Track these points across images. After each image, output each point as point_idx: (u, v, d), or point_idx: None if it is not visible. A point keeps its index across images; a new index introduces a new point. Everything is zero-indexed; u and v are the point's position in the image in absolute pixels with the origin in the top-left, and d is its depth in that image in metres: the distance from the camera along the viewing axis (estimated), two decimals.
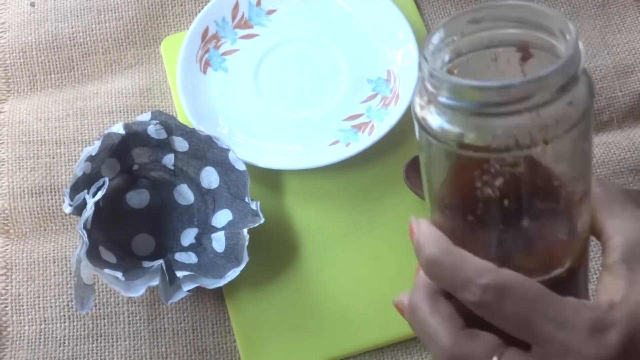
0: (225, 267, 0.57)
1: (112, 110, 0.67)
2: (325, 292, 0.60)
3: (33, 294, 0.60)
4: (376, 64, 0.68)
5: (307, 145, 0.65)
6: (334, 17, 0.70)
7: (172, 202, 0.62)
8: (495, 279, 0.35)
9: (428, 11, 0.72)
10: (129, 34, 0.71)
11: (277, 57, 0.69)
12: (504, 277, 0.35)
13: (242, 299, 0.59)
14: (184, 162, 0.61)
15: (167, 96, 0.68)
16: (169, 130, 0.60)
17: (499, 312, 0.35)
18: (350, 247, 0.61)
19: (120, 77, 0.69)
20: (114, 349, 0.58)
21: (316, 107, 0.67)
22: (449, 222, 0.38)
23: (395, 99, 0.65)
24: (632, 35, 0.69)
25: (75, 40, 0.70)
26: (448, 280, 0.37)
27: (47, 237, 0.62)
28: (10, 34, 0.70)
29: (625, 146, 0.64)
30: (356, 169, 0.64)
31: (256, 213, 0.58)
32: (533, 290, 0.35)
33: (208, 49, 0.68)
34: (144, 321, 0.59)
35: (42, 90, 0.69)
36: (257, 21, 0.70)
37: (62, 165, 0.65)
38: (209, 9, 0.69)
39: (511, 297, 0.35)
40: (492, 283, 0.35)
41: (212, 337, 0.59)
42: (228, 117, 0.66)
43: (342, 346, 0.58)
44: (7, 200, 0.63)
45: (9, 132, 0.66)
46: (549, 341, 0.35)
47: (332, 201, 0.63)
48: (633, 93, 0.67)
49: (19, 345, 0.58)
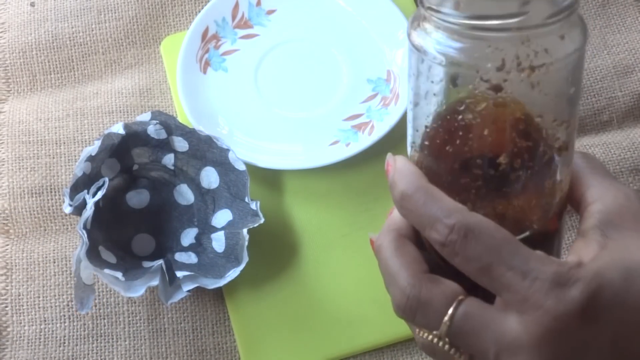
0: (225, 267, 0.57)
1: (112, 110, 0.67)
2: (325, 292, 0.60)
3: (33, 294, 0.60)
4: (376, 64, 0.68)
5: (307, 145, 0.65)
6: (334, 17, 0.70)
7: (172, 202, 0.62)
8: (463, 219, 0.35)
9: None
10: (129, 34, 0.71)
11: (277, 57, 0.69)
12: (472, 218, 0.35)
13: (242, 299, 0.59)
14: (184, 162, 0.61)
15: (167, 96, 0.68)
16: (169, 130, 0.60)
17: (462, 253, 0.35)
18: (350, 247, 0.61)
19: (120, 77, 0.69)
20: (114, 349, 0.58)
21: (316, 107, 0.67)
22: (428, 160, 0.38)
23: (395, 99, 0.65)
24: (632, 35, 0.69)
25: (75, 40, 0.70)
26: (417, 218, 0.37)
27: (47, 237, 0.62)
28: (10, 33, 0.70)
29: (625, 146, 0.64)
30: (356, 169, 0.64)
31: (256, 213, 0.58)
32: (500, 236, 0.35)
33: (208, 49, 0.68)
34: (144, 321, 0.59)
35: (42, 90, 0.69)
36: (257, 21, 0.70)
37: (62, 165, 0.65)
38: (209, 9, 0.69)
39: (476, 240, 0.35)
40: (459, 223, 0.35)
41: (212, 337, 0.59)
42: (228, 117, 0.66)
43: (342, 346, 0.58)
44: (7, 200, 0.63)
45: (9, 132, 0.66)
46: (509, 289, 0.34)
47: (332, 201, 0.63)
48: (633, 93, 0.67)
49: (19, 345, 0.58)
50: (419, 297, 0.37)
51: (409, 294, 0.37)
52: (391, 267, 0.38)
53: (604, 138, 0.65)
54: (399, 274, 0.38)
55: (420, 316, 0.37)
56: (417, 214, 0.37)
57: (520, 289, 0.34)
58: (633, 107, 0.67)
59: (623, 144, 0.64)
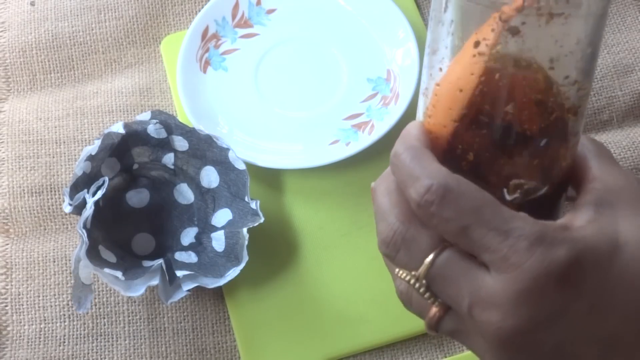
0: (225, 266, 0.57)
1: (112, 109, 0.67)
2: (325, 292, 0.60)
3: (33, 293, 0.60)
4: (376, 63, 0.68)
5: (307, 145, 0.65)
6: (334, 17, 0.70)
7: (172, 201, 0.62)
8: (442, 180, 0.35)
9: (428, 11, 0.71)
10: (129, 33, 0.71)
11: (277, 57, 0.69)
12: (451, 180, 0.35)
13: (242, 299, 0.59)
14: (184, 161, 0.61)
15: (167, 95, 0.68)
16: (169, 129, 0.60)
17: (438, 215, 0.35)
18: (350, 247, 0.61)
19: (120, 76, 0.69)
20: (113, 348, 0.58)
21: (316, 106, 0.67)
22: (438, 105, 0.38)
23: (395, 98, 0.65)
24: (632, 34, 0.69)
25: (75, 40, 0.70)
26: (401, 176, 0.37)
27: (47, 237, 0.62)
28: (10, 33, 0.70)
29: (625, 145, 0.64)
30: (356, 168, 0.64)
31: (256, 212, 0.58)
32: (481, 196, 0.35)
33: (208, 48, 0.68)
34: (143, 320, 0.59)
35: (42, 90, 0.69)
36: (257, 20, 0.70)
37: (62, 165, 0.65)
38: (209, 8, 0.69)
39: (456, 201, 0.34)
40: (437, 184, 0.35)
41: (212, 337, 0.59)
42: (228, 116, 0.66)
43: (342, 346, 0.58)
44: (7, 200, 0.63)
45: (9, 132, 0.66)
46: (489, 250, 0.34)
47: (332, 200, 0.63)
48: (633, 92, 0.67)
49: (19, 345, 0.58)
50: (405, 234, 0.37)
51: (397, 229, 0.37)
52: (384, 205, 0.38)
53: (604, 137, 0.65)
54: (390, 211, 0.38)
55: (402, 253, 0.37)
56: (402, 172, 0.37)
57: (501, 248, 0.34)
58: (633, 106, 0.67)
59: (623, 143, 0.64)
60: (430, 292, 0.37)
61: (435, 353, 0.58)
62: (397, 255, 0.37)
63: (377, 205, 0.39)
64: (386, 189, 0.39)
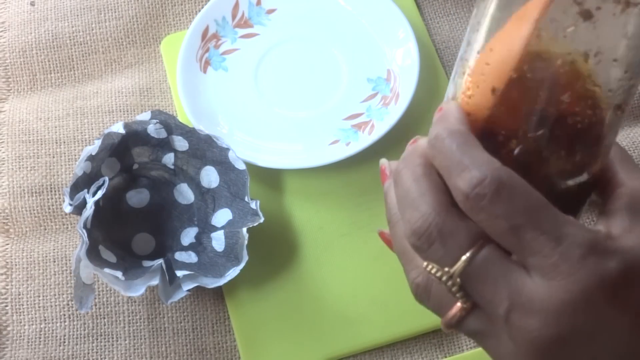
0: (225, 266, 0.57)
1: (112, 109, 0.67)
2: (325, 292, 0.60)
3: (33, 293, 0.60)
4: (376, 63, 0.68)
5: (307, 145, 0.65)
6: (334, 17, 0.70)
7: (172, 201, 0.62)
8: (497, 173, 0.32)
9: (428, 10, 0.72)
10: (129, 33, 0.71)
11: (277, 57, 0.69)
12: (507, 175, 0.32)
13: (242, 299, 0.59)
14: (184, 161, 0.61)
15: (167, 95, 0.68)
16: (169, 129, 0.60)
17: (489, 210, 0.32)
18: (350, 247, 0.61)
19: (120, 76, 0.69)
20: (114, 348, 0.58)
21: (316, 106, 0.67)
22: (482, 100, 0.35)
23: (396, 98, 0.65)
24: None
25: (75, 40, 0.70)
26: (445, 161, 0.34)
27: (47, 237, 0.62)
28: (10, 33, 0.70)
29: (626, 145, 0.64)
30: (356, 169, 0.64)
31: (256, 212, 0.58)
32: (535, 197, 0.32)
33: (208, 48, 0.68)
34: (143, 320, 0.59)
35: (42, 90, 0.69)
36: (257, 20, 0.70)
37: (62, 165, 0.65)
38: (209, 8, 0.69)
39: (510, 198, 0.32)
40: (492, 176, 0.32)
41: (212, 337, 0.59)
42: (228, 116, 0.66)
43: (342, 346, 0.58)
44: (7, 200, 0.63)
45: (9, 132, 0.66)
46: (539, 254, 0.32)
47: (332, 200, 0.63)
48: None
49: (19, 345, 0.58)
50: (442, 227, 0.34)
51: (432, 220, 0.34)
52: (413, 190, 0.35)
53: None
54: (423, 197, 0.34)
55: (437, 247, 0.34)
56: (446, 159, 0.34)
57: (553, 254, 0.32)
58: (633, 106, 0.67)
59: (623, 143, 0.64)
60: (463, 290, 0.34)
61: (435, 353, 0.58)
62: (430, 248, 0.34)
63: (405, 191, 0.36)
64: (413, 173, 0.36)
